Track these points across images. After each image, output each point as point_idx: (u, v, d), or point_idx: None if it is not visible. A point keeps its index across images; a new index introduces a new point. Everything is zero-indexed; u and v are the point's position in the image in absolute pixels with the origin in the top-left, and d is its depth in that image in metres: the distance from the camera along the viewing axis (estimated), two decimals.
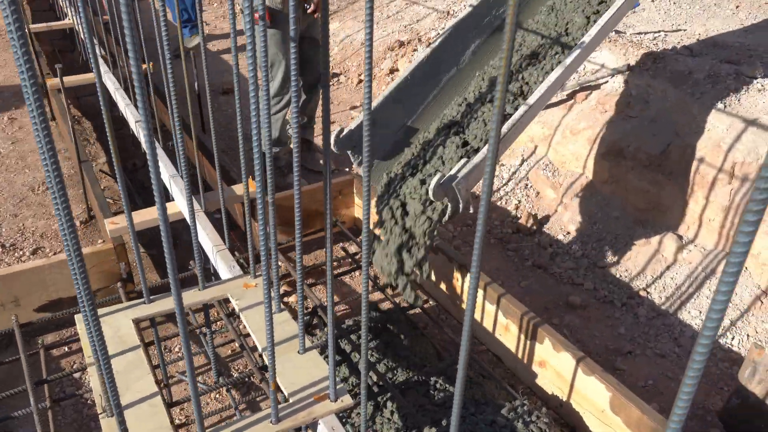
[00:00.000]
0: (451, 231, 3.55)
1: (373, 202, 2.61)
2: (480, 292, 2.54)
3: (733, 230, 3.02)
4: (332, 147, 2.42)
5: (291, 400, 1.75)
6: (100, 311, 2.03)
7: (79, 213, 3.59)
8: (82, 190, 3.49)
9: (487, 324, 2.55)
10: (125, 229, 2.82)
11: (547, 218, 3.61)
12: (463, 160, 2.19)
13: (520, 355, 2.40)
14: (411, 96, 2.60)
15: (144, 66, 4.73)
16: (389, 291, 2.75)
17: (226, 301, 2.19)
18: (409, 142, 2.59)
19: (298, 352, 1.84)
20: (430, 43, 2.81)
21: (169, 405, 2.14)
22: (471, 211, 2.28)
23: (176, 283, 1.70)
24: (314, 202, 3.23)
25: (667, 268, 3.14)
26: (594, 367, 2.09)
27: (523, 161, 3.96)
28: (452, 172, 2.16)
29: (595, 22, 2.59)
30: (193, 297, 2.14)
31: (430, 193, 2.09)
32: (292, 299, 3.03)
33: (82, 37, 4.90)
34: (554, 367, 2.24)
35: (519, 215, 3.64)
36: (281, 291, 3.07)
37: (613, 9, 2.48)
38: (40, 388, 2.31)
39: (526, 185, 3.84)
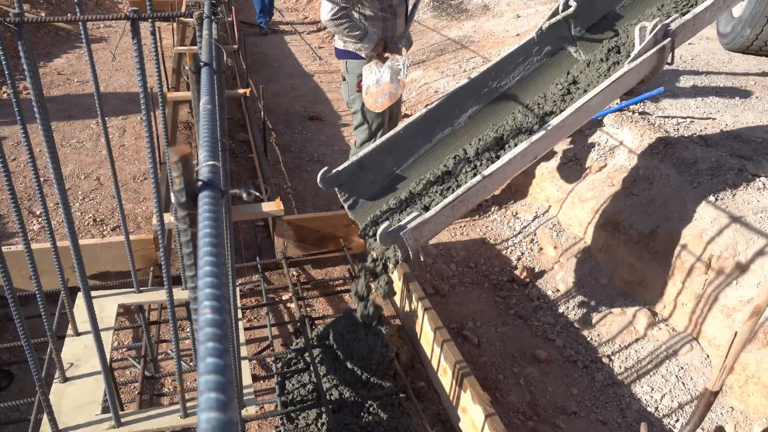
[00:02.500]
0: (452, 270, 3.45)
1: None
2: (431, 335, 2.45)
3: (702, 318, 2.71)
4: (318, 183, 2.43)
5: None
6: (96, 293, 2.16)
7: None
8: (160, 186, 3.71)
9: (434, 362, 2.46)
10: (170, 223, 2.99)
11: (542, 273, 3.41)
12: (415, 213, 2.13)
13: (451, 397, 2.29)
14: (402, 148, 2.57)
15: (243, 91, 4.96)
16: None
17: None
18: (395, 187, 2.55)
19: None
20: (428, 104, 2.76)
21: (148, 377, 2.22)
22: (422, 259, 2.19)
23: (169, 280, 1.78)
24: (330, 226, 3.26)
25: (636, 340, 2.87)
26: (498, 427, 1.95)
27: (535, 217, 3.77)
28: (402, 222, 2.10)
29: (566, 107, 2.44)
30: (175, 294, 2.20)
31: (378, 238, 2.04)
32: (292, 306, 3.06)
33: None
34: (471, 416, 2.12)
35: (517, 266, 3.47)
36: (284, 298, 3.12)
37: (583, 100, 2.32)
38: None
39: (532, 240, 3.65)
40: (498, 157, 2.47)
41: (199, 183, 0.64)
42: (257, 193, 0.66)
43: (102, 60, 6.85)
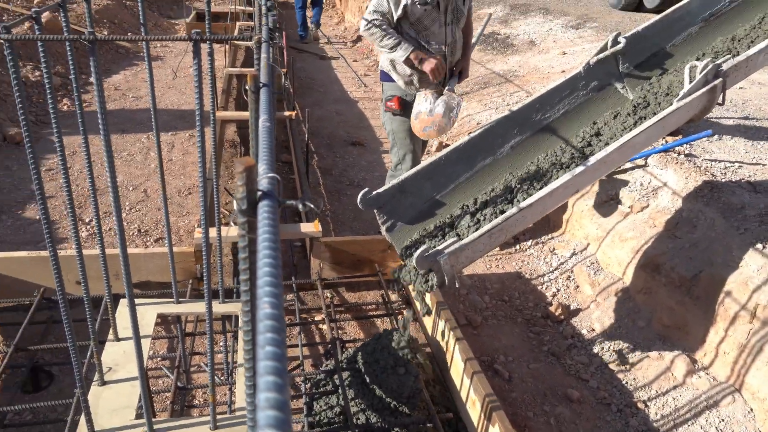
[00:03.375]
0: (485, 303, 3.42)
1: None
2: (461, 365, 2.43)
3: (745, 369, 2.61)
4: (358, 203, 2.46)
5: (237, 413, 1.80)
6: (137, 300, 2.22)
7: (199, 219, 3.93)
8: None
9: (463, 394, 2.43)
10: (213, 238, 3.06)
11: (577, 311, 3.35)
12: (453, 239, 2.13)
13: (479, 430, 2.25)
14: (443, 174, 2.59)
15: (289, 113, 5.08)
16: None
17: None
18: (434, 213, 2.56)
19: None
20: (470, 132, 2.77)
21: (180, 388, 2.26)
22: (457, 286, 2.19)
23: (209, 293, 1.83)
24: (366, 250, 3.28)
25: (674, 387, 2.78)
26: None
27: (573, 254, 3.72)
28: (440, 247, 2.11)
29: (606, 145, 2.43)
30: (213, 307, 2.24)
31: (413, 261, 2.05)
32: (324, 327, 3.08)
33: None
34: None
35: (552, 302, 3.42)
36: (317, 319, 3.14)
37: (623, 140, 2.30)
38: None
39: (569, 277, 3.60)
40: (538, 189, 2.46)
41: (260, 193, 0.68)
42: (312, 205, 0.69)
43: (157, 78, 7.13)
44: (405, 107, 3.32)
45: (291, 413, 0.42)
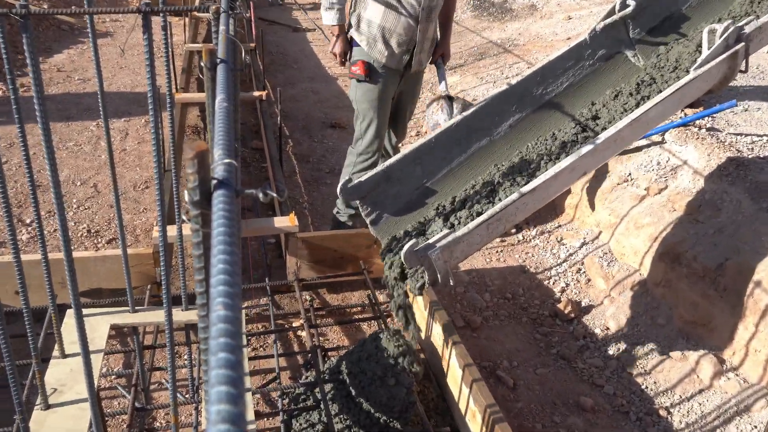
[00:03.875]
0: (485, 301, 3.42)
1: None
2: (459, 373, 2.43)
3: None
4: (338, 194, 2.45)
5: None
6: (87, 311, 2.19)
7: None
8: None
9: (462, 405, 2.43)
10: (172, 237, 3.03)
11: (589, 308, 3.37)
12: (445, 231, 2.13)
13: None
14: (433, 159, 2.58)
15: (259, 93, 5.05)
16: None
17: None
18: (424, 202, 2.56)
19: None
20: (463, 110, 2.77)
21: (138, 409, 2.24)
22: (452, 284, 2.19)
23: (168, 299, 1.81)
24: (350, 246, 3.27)
25: (699, 392, 2.80)
26: None
27: (583, 244, 3.73)
28: (431, 240, 2.10)
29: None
30: (174, 315, 2.22)
31: (402, 257, 2.04)
32: (303, 334, 3.06)
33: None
34: None
35: (561, 299, 3.43)
36: (295, 325, 3.13)
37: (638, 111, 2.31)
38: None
39: (579, 270, 3.61)
40: (541, 172, 2.46)
41: (214, 181, 0.66)
42: (274, 194, 0.68)
43: (106, 57, 7.05)
44: (371, 73, 3.36)
45: (246, 426, 0.41)
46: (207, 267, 0.72)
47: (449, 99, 3.23)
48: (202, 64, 1.18)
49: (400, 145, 3.84)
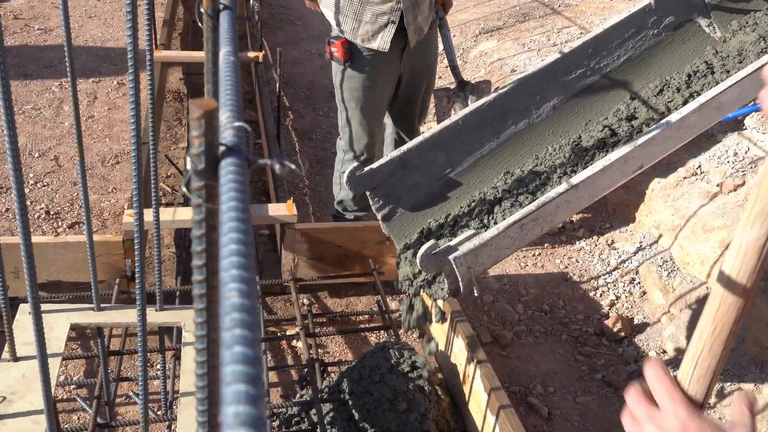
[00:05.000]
0: (518, 314, 3.44)
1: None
2: (483, 397, 2.45)
3: None
4: (345, 183, 2.47)
5: None
6: (44, 306, 2.23)
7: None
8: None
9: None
10: (148, 223, 3.07)
11: (643, 327, 3.38)
12: (470, 232, 2.15)
13: None
14: (460, 144, 2.60)
15: (255, 54, 5.09)
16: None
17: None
18: (446, 196, 2.57)
19: None
20: (497, 88, 2.78)
21: (101, 425, 2.29)
22: (476, 294, 2.21)
23: (143, 297, 1.84)
24: (357, 241, 3.30)
25: None
26: None
27: (639, 249, 3.74)
28: (453, 242, 2.12)
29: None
30: (148, 316, 2.26)
31: (417, 261, 2.07)
32: (299, 344, 3.10)
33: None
34: None
35: (609, 314, 3.44)
36: (290, 333, 3.16)
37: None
38: None
39: (633, 280, 3.62)
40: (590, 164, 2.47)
41: (223, 148, 0.67)
42: (292, 166, 0.69)
43: (73, 2, 7.10)
44: (354, 57, 3.13)
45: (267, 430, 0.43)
46: (211, 251, 0.74)
47: (461, 87, 3.08)
48: (202, 10, 1.19)
49: (422, 128, 3.73)
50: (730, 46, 2.93)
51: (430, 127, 3.17)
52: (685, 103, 2.63)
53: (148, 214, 2.56)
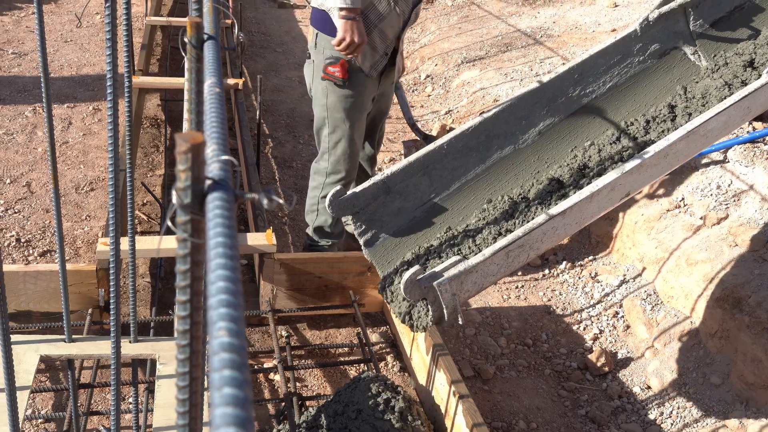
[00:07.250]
0: (501, 347, 3.44)
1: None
2: None
3: None
4: (327, 207, 2.47)
5: None
6: (13, 337, 2.20)
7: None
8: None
9: None
10: (124, 252, 3.05)
11: (627, 361, 3.39)
12: (455, 258, 2.15)
13: None
14: (445, 168, 2.61)
15: (234, 81, 5.11)
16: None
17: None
18: (431, 222, 2.58)
19: None
20: (483, 111, 2.81)
21: None
22: (461, 322, 2.21)
23: (117, 328, 1.81)
24: (338, 272, 3.30)
25: None
26: None
27: (622, 282, 3.77)
28: (438, 268, 2.13)
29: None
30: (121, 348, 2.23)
31: (401, 287, 2.07)
32: (276, 378, 3.07)
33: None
34: None
35: (593, 348, 3.45)
36: (267, 366, 3.14)
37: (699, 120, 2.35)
38: None
39: (617, 313, 3.64)
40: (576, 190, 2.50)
41: (209, 182, 0.67)
42: (280, 200, 0.69)
43: (49, 27, 7.09)
44: (353, 77, 3.21)
45: None
46: (195, 286, 0.73)
47: (426, 140, 3.16)
48: (186, 39, 1.19)
49: (378, 157, 3.87)
50: (715, 76, 2.98)
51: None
52: (671, 130, 2.67)
53: (124, 243, 2.54)
